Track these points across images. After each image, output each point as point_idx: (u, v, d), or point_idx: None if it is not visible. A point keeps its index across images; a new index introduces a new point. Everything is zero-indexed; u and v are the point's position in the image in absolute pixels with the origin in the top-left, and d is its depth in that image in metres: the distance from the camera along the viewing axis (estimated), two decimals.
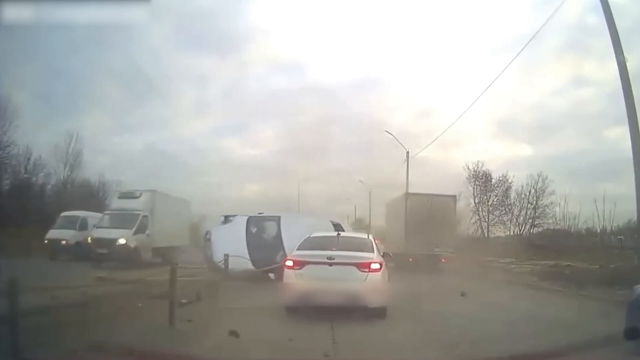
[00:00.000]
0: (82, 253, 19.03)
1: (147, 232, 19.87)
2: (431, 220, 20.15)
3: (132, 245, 18.84)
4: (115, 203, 20.92)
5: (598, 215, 23.38)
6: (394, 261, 13.70)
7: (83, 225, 21.22)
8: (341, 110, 59.74)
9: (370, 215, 42.29)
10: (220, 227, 16.16)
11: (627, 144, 11.87)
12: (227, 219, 16.50)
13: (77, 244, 20.32)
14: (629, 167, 11.97)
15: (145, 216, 19.89)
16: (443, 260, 20.49)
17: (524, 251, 27.21)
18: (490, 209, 37.21)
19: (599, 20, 13.06)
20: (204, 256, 15.81)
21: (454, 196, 22.96)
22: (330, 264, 7.89)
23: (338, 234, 9.42)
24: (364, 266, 7.92)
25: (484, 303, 10.65)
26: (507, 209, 36.51)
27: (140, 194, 20.42)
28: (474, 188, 37.54)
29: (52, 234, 20.79)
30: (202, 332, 6.72)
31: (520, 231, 35.36)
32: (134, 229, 19.22)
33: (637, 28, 32.27)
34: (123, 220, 19.37)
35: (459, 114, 36.15)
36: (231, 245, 13.08)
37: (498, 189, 37.14)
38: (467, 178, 37.43)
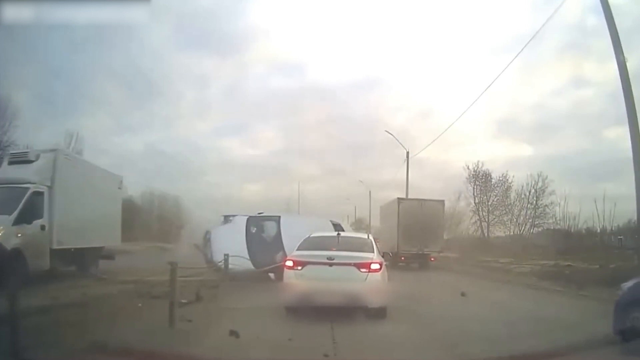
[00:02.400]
0: None
1: (40, 221, 11.49)
2: (421, 222, 22.18)
3: (8, 244, 10.34)
4: (2, 171, 12.66)
5: (598, 215, 23.40)
6: (387, 260, 14.09)
7: None
8: (341, 111, 60.12)
9: (370, 215, 42.48)
10: (220, 227, 16.15)
11: (627, 143, 11.91)
12: (226, 219, 16.50)
13: None
14: (629, 167, 11.99)
15: (37, 193, 11.62)
16: (432, 259, 22.54)
17: (524, 251, 27.26)
18: (490, 208, 37.34)
19: (599, 20, 13.10)
20: (203, 256, 15.81)
21: (443, 201, 24.72)
22: (330, 264, 7.88)
23: (338, 234, 9.40)
24: (364, 266, 7.92)
25: (484, 303, 10.66)
26: (507, 209, 36.62)
27: (37, 156, 12.56)
28: (474, 188, 37.74)
29: None
30: (202, 332, 6.72)
31: (520, 231, 35.40)
32: (14, 215, 10.81)
33: (636, 28, 32.29)
34: (2, 199, 11.13)
35: (459, 114, 36.33)
36: (231, 245, 13.05)
37: (498, 189, 37.27)
38: (467, 178, 37.67)
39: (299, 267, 8.04)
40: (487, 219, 37.36)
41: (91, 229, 13.70)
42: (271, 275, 12.76)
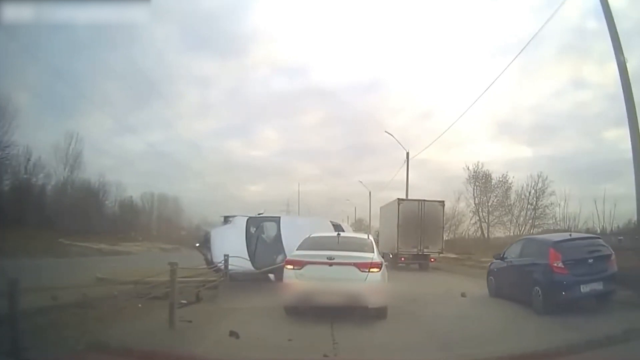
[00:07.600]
0: None
1: None
2: (421, 223, 22.28)
3: None
4: None
5: (598, 216, 23.41)
6: (387, 260, 14.13)
7: None
8: (342, 112, 60.27)
9: (370, 215, 42.51)
10: (220, 228, 16.12)
11: (627, 144, 11.88)
12: (226, 219, 16.46)
13: None
14: (628, 168, 11.99)
15: None
16: (432, 260, 22.60)
17: None
18: (490, 209, 37.26)
19: (598, 22, 13.11)
20: (203, 257, 15.80)
21: (443, 201, 24.59)
22: (330, 264, 7.86)
23: (338, 234, 9.37)
24: (364, 266, 7.90)
25: (484, 303, 10.65)
26: (507, 210, 36.53)
27: None
28: (474, 189, 37.68)
29: None
30: (202, 332, 6.73)
31: (520, 232, 35.30)
32: None
33: (636, 31, 32.33)
34: None
35: (459, 115, 36.41)
36: (231, 246, 13.05)
37: (498, 189, 37.21)
38: (467, 179, 37.65)
39: (299, 267, 8.02)
40: (487, 220, 37.32)
41: None
42: (271, 276, 12.75)
